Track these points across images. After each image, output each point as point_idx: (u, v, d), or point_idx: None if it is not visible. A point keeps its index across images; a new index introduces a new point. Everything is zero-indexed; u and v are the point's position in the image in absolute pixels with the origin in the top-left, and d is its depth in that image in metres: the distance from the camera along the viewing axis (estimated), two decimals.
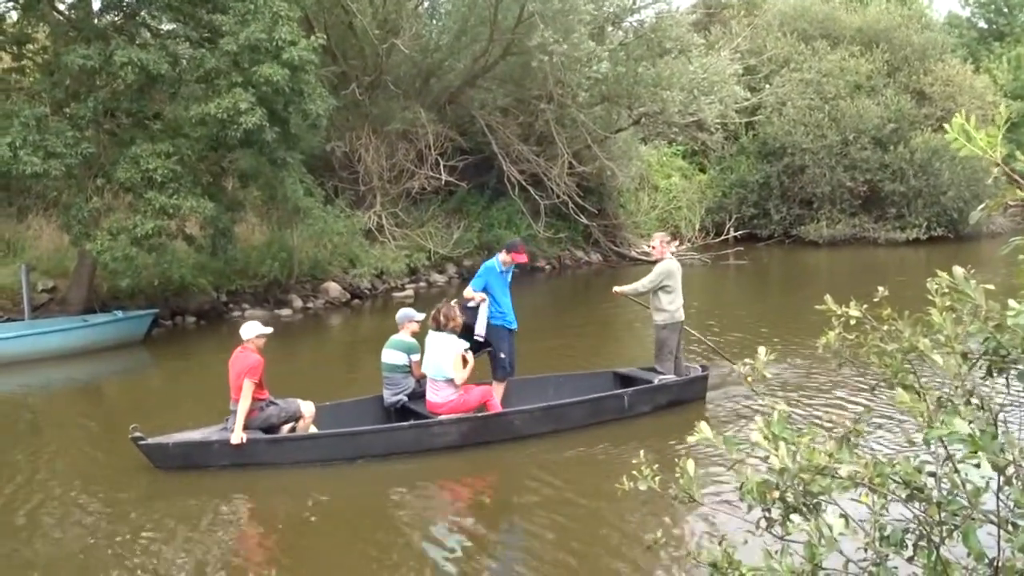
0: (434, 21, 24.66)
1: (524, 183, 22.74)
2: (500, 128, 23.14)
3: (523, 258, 9.59)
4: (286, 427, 8.44)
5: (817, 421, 8.53)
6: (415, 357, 9.14)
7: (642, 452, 3.19)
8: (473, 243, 22.95)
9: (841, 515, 2.63)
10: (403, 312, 9.43)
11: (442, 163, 21.70)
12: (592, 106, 23.12)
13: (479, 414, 8.84)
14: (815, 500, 2.73)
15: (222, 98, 13.68)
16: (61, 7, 14.97)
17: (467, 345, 8.86)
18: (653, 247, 10.15)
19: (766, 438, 2.63)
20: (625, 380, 10.15)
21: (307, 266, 19.08)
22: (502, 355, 9.22)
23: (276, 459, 8.15)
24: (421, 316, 9.31)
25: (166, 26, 15.41)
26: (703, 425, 2.75)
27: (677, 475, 2.90)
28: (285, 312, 17.72)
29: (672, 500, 2.90)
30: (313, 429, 8.60)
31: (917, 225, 29.17)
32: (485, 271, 9.36)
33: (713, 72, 23.50)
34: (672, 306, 9.73)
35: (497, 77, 23.23)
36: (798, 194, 30.01)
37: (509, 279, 9.48)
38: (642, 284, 9.87)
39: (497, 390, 9.21)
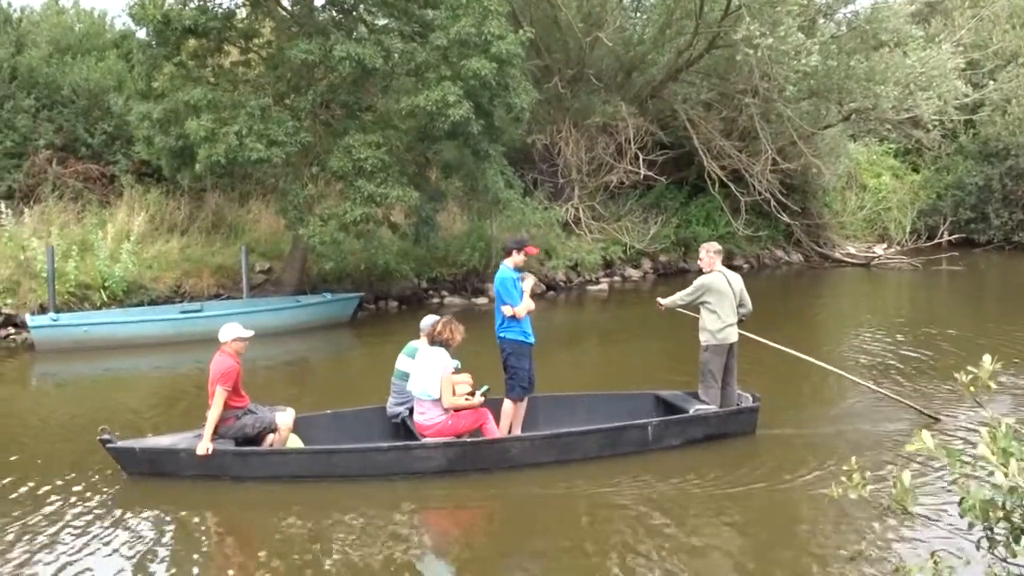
0: (638, 14, 24.54)
1: (725, 179, 22.28)
2: (702, 123, 22.76)
3: (534, 249, 8.89)
4: (269, 437, 7.83)
5: None
6: None
7: (853, 459, 3.05)
8: (670, 239, 22.69)
9: None
10: (427, 319, 8.60)
11: (641, 157, 21.57)
12: (799, 101, 22.35)
13: (470, 439, 7.99)
14: None
15: (431, 91, 14.10)
16: (285, 3, 15.82)
17: (456, 364, 8.10)
18: (701, 259, 9.15)
19: (994, 453, 2.47)
20: (666, 405, 9.03)
21: (504, 256, 19.40)
22: (517, 372, 8.28)
23: (244, 473, 7.61)
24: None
25: (380, 21, 16.03)
26: (924, 434, 2.61)
27: (891, 485, 2.77)
28: (481, 300, 18.09)
29: (884, 511, 2.78)
30: (295, 440, 7.98)
31: None
32: (509, 283, 8.33)
33: (932, 66, 22.18)
34: (714, 325, 8.70)
35: (701, 71, 22.85)
36: (1022, 198, 27.97)
37: (521, 284, 8.45)
38: (679, 297, 8.96)
39: (508, 412, 8.29)
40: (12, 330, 14.35)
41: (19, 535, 6.60)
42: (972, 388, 3.22)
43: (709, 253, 9.05)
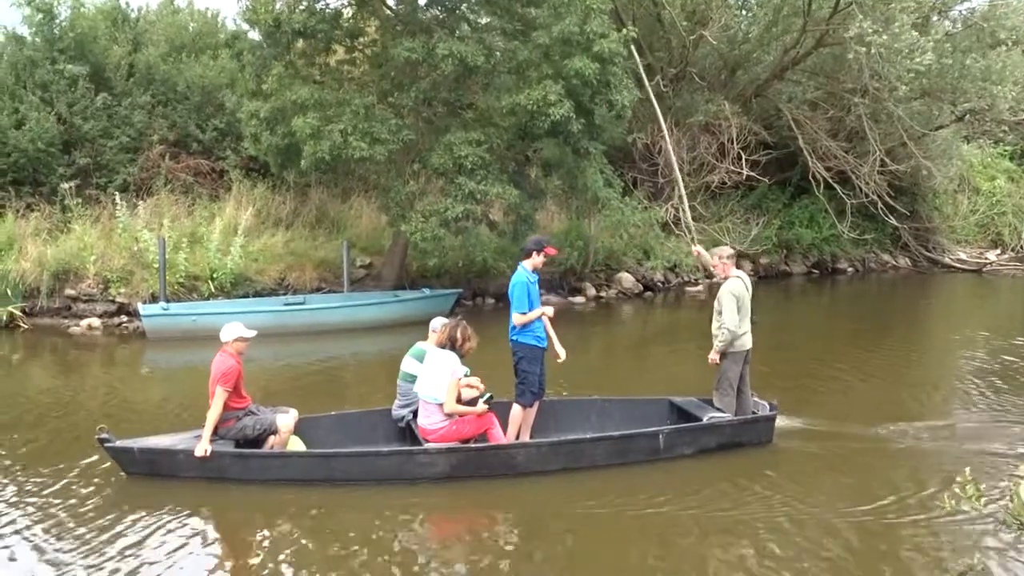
0: (744, 12, 24.12)
1: (830, 180, 21.78)
2: (807, 122, 22.30)
3: (553, 250, 8.36)
4: (270, 439, 7.63)
5: None
6: None
7: (967, 469, 2.93)
8: (772, 240, 22.31)
9: None
10: (437, 320, 8.39)
11: (744, 157, 21.23)
12: (911, 101, 21.74)
13: (474, 445, 7.70)
14: None
15: (532, 89, 14.11)
16: (390, 2, 16.01)
17: (466, 371, 7.86)
18: (715, 265, 8.70)
19: None
20: (680, 412, 8.70)
21: (602, 255, 19.35)
22: (527, 377, 8.00)
23: (243, 475, 7.40)
24: None
25: (483, 19, 16.11)
26: None
27: (1008, 499, 2.66)
28: (578, 300, 18.04)
29: (1000, 524, 2.67)
30: (297, 442, 7.79)
31: None
32: (524, 287, 7.94)
33: None
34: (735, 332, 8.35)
35: (807, 69, 22.38)
36: None
37: (537, 287, 8.15)
38: (726, 328, 8.32)
39: (517, 417, 8.05)
40: (125, 318, 14.93)
41: (7, 524, 6.58)
42: None
43: (722, 259, 8.62)
